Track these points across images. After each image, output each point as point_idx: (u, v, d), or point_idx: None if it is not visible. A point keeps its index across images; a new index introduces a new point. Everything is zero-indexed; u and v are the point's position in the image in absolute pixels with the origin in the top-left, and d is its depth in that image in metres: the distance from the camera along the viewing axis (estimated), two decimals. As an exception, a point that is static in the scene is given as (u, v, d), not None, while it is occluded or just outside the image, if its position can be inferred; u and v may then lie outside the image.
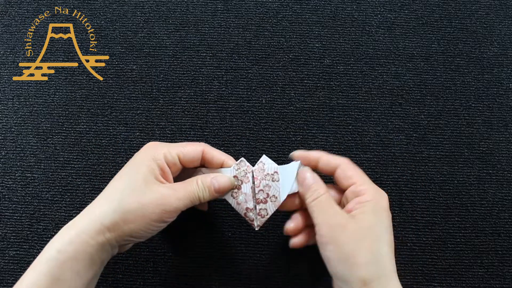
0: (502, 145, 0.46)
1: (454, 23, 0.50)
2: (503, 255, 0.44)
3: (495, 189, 0.45)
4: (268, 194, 0.37)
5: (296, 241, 0.38)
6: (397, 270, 0.44)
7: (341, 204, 0.38)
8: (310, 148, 0.46)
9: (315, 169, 0.38)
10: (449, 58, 0.49)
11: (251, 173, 0.37)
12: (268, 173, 0.37)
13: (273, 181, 0.37)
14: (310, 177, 0.37)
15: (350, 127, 0.47)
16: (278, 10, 0.50)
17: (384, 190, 0.36)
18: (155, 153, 0.35)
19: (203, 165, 0.39)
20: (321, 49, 0.49)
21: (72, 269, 0.32)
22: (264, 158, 0.38)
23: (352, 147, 0.46)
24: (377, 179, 0.45)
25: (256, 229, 0.38)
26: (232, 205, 0.38)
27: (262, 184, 0.37)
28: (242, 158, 0.38)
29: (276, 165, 0.38)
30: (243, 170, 0.37)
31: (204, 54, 0.48)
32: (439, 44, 0.49)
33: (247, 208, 0.37)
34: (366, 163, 0.46)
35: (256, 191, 0.37)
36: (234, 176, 0.37)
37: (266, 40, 0.49)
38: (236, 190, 0.37)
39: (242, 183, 0.37)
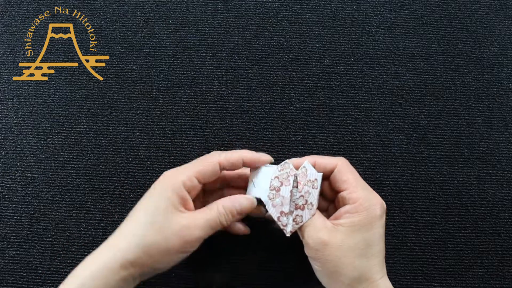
0: (502, 145, 0.46)
1: (454, 23, 0.50)
2: (503, 255, 0.44)
3: (495, 189, 0.45)
4: (306, 201, 0.36)
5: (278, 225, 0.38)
6: (397, 270, 0.44)
7: (335, 205, 0.37)
8: (310, 148, 0.46)
9: None
10: (449, 58, 0.49)
11: (293, 177, 0.36)
12: (310, 179, 0.36)
13: (313, 188, 0.36)
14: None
15: (350, 127, 0.47)
16: (278, 10, 0.50)
17: (384, 190, 0.36)
18: (174, 183, 0.34)
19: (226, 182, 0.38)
20: (321, 49, 0.49)
21: None
22: (307, 164, 0.36)
23: (352, 147, 0.46)
24: (377, 179, 0.45)
25: (287, 235, 0.36)
26: (267, 206, 0.36)
27: (304, 189, 0.36)
28: (287, 160, 0.37)
29: (316, 172, 0.36)
30: (286, 172, 0.36)
31: (204, 54, 0.48)
32: (439, 44, 0.49)
33: (281, 212, 0.36)
34: (366, 163, 0.46)
35: (297, 196, 0.36)
36: (275, 177, 0.36)
37: (266, 40, 0.49)
38: (274, 192, 0.36)
39: (282, 185, 0.36)
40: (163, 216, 0.33)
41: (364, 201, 0.34)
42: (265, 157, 0.37)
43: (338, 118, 0.47)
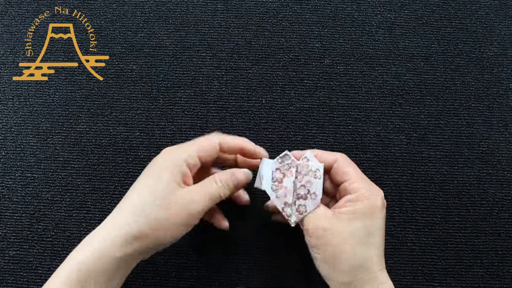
0: (502, 145, 0.46)
1: (454, 23, 0.50)
2: (503, 255, 0.44)
3: (495, 189, 0.45)
4: (309, 191, 0.36)
5: (278, 218, 0.40)
6: (397, 270, 0.44)
7: (336, 197, 0.38)
8: (310, 148, 0.46)
9: None
10: (449, 58, 0.49)
11: (295, 168, 0.37)
12: (311, 169, 0.36)
13: (315, 178, 0.36)
14: None
15: (350, 127, 0.47)
16: (278, 10, 0.50)
17: (384, 190, 0.36)
18: (175, 159, 0.35)
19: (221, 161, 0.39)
20: (321, 49, 0.49)
21: (96, 281, 0.32)
22: (309, 155, 0.37)
23: (352, 147, 0.46)
24: (377, 179, 0.45)
25: (292, 225, 0.36)
26: (271, 198, 0.37)
27: (304, 179, 0.36)
28: (287, 152, 0.37)
29: (318, 162, 0.37)
30: (287, 164, 0.37)
31: (204, 54, 0.48)
32: (439, 44, 0.49)
33: (285, 203, 0.36)
34: (366, 163, 0.46)
35: (298, 186, 0.36)
36: (277, 169, 0.37)
37: (266, 40, 0.49)
38: (277, 183, 0.37)
39: (284, 176, 0.37)
40: (166, 190, 0.34)
41: (365, 191, 0.35)
42: (263, 152, 0.38)
43: (338, 118, 0.47)
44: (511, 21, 0.50)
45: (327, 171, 0.37)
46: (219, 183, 0.36)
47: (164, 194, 0.34)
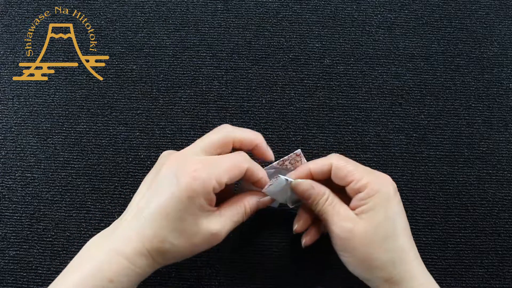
0: (502, 145, 0.46)
1: (454, 23, 0.50)
2: (503, 255, 0.44)
3: (495, 189, 0.45)
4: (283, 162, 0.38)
5: (308, 239, 0.38)
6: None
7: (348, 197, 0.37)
8: (310, 148, 0.46)
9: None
10: (449, 58, 0.49)
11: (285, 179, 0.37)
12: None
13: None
14: (307, 186, 0.36)
15: (350, 127, 0.47)
16: (278, 10, 0.50)
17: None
18: (204, 188, 0.32)
19: None
20: (321, 49, 0.49)
21: None
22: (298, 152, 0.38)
23: (352, 147, 0.46)
24: (377, 179, 0.45)
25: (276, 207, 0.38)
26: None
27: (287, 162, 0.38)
28: (281, 176, 0.37)
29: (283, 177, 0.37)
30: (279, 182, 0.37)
31: (204, 54, 0.48)
32: (439, 44, 0.49)
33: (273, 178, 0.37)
34: (366, 163, 0.46)
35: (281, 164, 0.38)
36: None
37: (266, 40, 0.49)
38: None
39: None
40: (192, 223, 0.32)
41: (373, 184, 0.34)
42: (270, 157, 0.38)
43: (338, 118, 0.47)
44: (511, 21, 0.50)
45: (327, 177, 0.37)
46: (248, 210, 0.35)
47: (190, 229, 0.32)
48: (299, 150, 0.38)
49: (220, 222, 0.34)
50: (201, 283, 0.43)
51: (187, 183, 0.32)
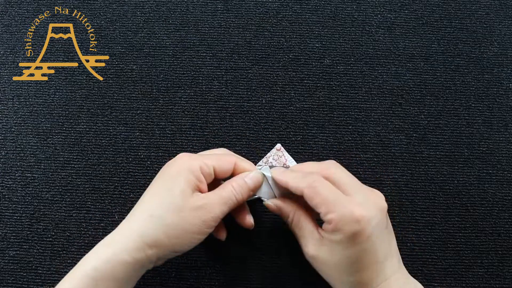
0: (502, 145, 0.46)
1: (454, 23, 0.50)
2: (503, 255, 0.44)
3: (495, 189, 0.45)
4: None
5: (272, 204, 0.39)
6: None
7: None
8: (310, 148, 0.46)
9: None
10: (449, 58, 0.49)
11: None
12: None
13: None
14: (273, 208, 0.38)
15: (350, 127, 0.47)
16: (278, 10, 0.50)
17: (384, 190, 0.36)
18: (191, 165, 0.35)
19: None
20: (321, 49, 0.49)
21: (108, 286, 0.32)
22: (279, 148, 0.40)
23: (352, 147, 0.46)
24: (377, 179, 0.45)
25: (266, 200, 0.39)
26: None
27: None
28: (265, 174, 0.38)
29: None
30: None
31: (204, 54, 0.48)
32: (439, 44, 0.49)
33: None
34: (366, 163, 0.46)
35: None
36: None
37: (266, 40, 0.49)
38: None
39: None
40: (181, 197, 0.33)
41: (338, 223, 0.33)
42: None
43: (338, 118, 0.47)
44: (511, 21, 0.50)
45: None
46: (236, 187, 0.36)
47: (180, 201, 0.33)
48: (279, 144, 0.39)
49: (207, 196, 0.35)
50: (201, 283, 0.43)
51: (174, 163, 0.36)
